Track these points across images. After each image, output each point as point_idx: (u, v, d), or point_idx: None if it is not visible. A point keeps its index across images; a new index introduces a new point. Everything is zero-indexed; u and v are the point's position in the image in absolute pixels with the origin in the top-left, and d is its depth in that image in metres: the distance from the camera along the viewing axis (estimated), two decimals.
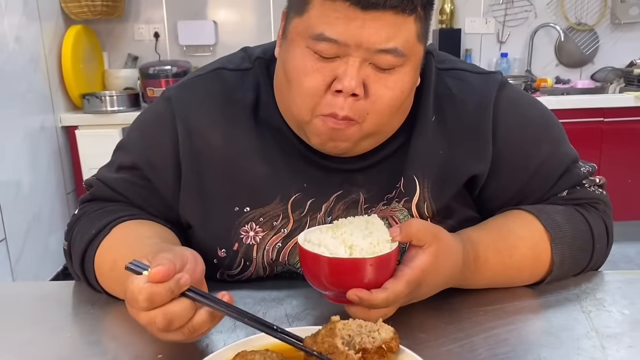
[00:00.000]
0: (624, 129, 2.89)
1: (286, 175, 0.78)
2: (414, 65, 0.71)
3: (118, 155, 0.84)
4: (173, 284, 0.56)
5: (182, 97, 0.81)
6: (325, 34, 0.66)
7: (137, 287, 0.56)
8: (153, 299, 0.56)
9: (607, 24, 3.32)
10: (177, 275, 0.57)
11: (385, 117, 0.71)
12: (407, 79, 0.70)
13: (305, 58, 0.68)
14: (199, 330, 0.59)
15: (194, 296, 0.58)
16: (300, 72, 0.69)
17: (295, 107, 0.71)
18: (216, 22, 3.24)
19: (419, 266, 0.64)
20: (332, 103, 0.68)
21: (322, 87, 0.68)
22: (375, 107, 0.69)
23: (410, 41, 0.68)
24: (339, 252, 0.62)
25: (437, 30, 3.21)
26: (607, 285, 0.80)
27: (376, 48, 0.66)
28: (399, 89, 0.69)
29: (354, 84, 0.66)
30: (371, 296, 0.61)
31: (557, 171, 0.81)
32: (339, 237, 0.64)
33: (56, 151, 2.74)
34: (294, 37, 0.70)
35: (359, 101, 0.68)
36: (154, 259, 0.58)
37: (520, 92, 0.85)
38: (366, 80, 0.68)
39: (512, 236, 0.77)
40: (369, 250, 0.62)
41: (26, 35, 2.52)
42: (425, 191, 0.78)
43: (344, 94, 0.67)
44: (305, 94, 0.69)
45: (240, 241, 0.80)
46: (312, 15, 0.67)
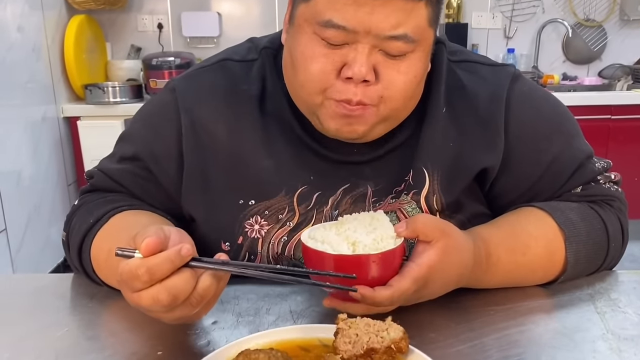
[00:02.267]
0: (632, 127, 2.87)
1: (292, 168, 0.76)
2: (425, 51, 0.69)
3: (120, 146, 0.82)
4: (173, 254, 0.54)
5: (186, 88, 0.79)
6: (334, 21, 0.64)
7: (135, 264, 0.54)
8: (153, 272, 0.53)
9: (616, 20, 3.28)
10: (177, 246, 0.55)
11: (400, 101, 0.69)
12: (419, 64, 0.68)
13: (313, 44, 0.66)
14: (206, 296, 0.57)
15: (193, 264, 0.56)
16: (307, 58, 0.67)
17: (304, 91, 0.69)
18: (220, 13, 3.21)
19: (425, 262, 0.62)
20: (343, 90, 0.66)
21: (331, 72, 0.66)
22: (389, 92, 0.67)
23: (420, 26, 0.65)
24: (341, 249, 0.61)
25: (444, 24, 3.18)
26: (621, 285, 0.78)
27: (385, 35, 0.64)
28: (412, 74, 0.67)
29: (364, 71, 0.64)
30: (374, 294, 0.59)
31: (571, 166, 0.79)
32: (343, 233, 0.63)
33: (58, 142, 2.73)
34: (301, 23, 0.68)
35: (371, 86, 0.66)
36: (137, 237, 0.56)
37: (533, 85, 0.82)
38: (377, 66, 0.66)
39: (525, 234, 0.74)
40: (372, 246, 0.61)
41: (28, 25, 2.50)
42: (435, 183, 0.76)
43: (354, 80, 0.65)
44: (313, 79, 0.67)
45: (244, 235, 0.78)
46: (320, 2, 0.65)
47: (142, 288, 0.54)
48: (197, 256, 0.57)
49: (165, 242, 0.56)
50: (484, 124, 0.76)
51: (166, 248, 0.55)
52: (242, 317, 0.69)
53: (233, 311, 0.70)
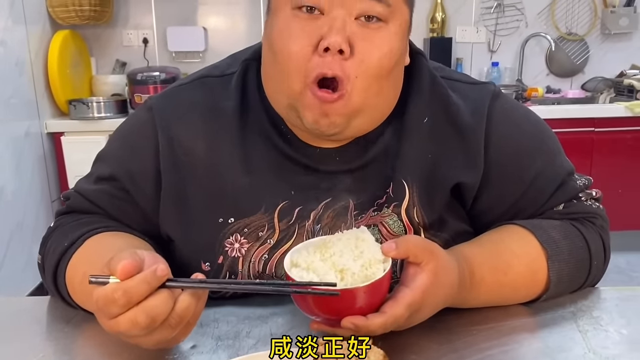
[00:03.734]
0: (615, 139, 2.89)
1: (272, 183, 0.75)
2: (400, 27, 0.69)
3: (97, 166, 0.81)
4: (149, 276, 0.53)
5: (164, 106, 0.78)
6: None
7: (110, 288, 0.53)
8: (130, 295, 0.52)
9: (598, 34, 3.33)
10: (153, 267, 0.54)
11: (374, 80, 0.68)
12: (395, 39, 0.68)
13: (289, 21, 0.67)
14: (185, 316, 0.56)
15: (170, 284, 0.55)
16: (285, 36, 0.67)
17: (285, 77, 0.68)
18: (206, 28, 3.21)
19: (419, 287, 0.61)
20: (319, 64, 0.66)
21: (309, 48, 0.66)
22: (364, 66, 0.67)
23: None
24: (329, 278, 0.59)
25: (429, 39, 3.20)
26: (603, 302, 0.78)
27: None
28: (387, 47, 0.67)
29: (339, 39, 0.65)
30: (367, 322, 0.58)
31: (553, 184, 0.79)
32: (328, 259, 0.61)
33: (41, 158, 2.69)
34: (277, 5, 0.69)
35: (347, 60, 0.66)
36: (111, 263, 0.55)
37: (514, 102, 0.83)
38: (352, 38, 0.66)
39: (508, 253, 0.74)
40: (360, 274, 0.59)
41: (12, 39, 2.48)
42: (414, 196, 0.75)
43: (331, 51, 0.65)
44: (292, 58, 0.67)
45: (225, 254, 0.77)
46: None
47: (119, 313, 0.53)
48: (173, 277, 0.56)
49: (141, 265, 0.55)
50: (464, 139, 0.76)
51: (141, 271, 0.54)
52: (221, 340, 0.68)
53: (212, 334, 0.69)
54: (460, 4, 3.28)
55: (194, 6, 3.21)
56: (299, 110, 0.69)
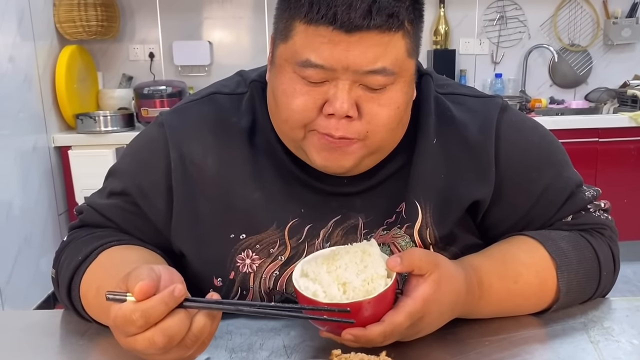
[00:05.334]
0: (619, 149, 2.90)
1: (282, 201, 0.76)
2: (406, 81, 0.69)
3: (110, 181, 0.82)
4: (167, 297, 0.54)
5: (175, 122, 0.79)
6: (312, 60, 0.64)
7: (129, 309, 0.53)
8: (149, 315, 0.53)
9: (600, 45, 3.35)
10: (170, 287, 0.55)
11: (385, 134, 0.69)
12: (400, 95, 0.68)
13: (294, 83, 0.67)
14: (201, 336, 0.56)
15: (187, 304, 0.56)
16: (289, 96, 0.67)
17: (287, 127, 0.70)
18: (211, 42, 3.24)
19: (420, 296, 0.62)
20: (325, 125, 0.66)
21: (313, 108, 0.67)
22: (372, 126, 0.67)
23: (399, 58, 0.66)
24: (332, 290, 0.61)
25: (432, 51, 3.23)
26: (614, 313, 0.78)
27: (364, 70, 0.64)
28: (394, 106, 0.68)
29: (346, 107, 0.65)
30: (366, 332, 0.59)
31: (562, 196, 0.79)
32: (334, 272, 0.63)
33: (48, 172, 2.71)
34: (281, 63, 0.69)
35: (354, 122, 0.66)
36: (128, 280, 0.56)
37: (521, 115, 0.83)
38: (358, 100, 0.66)
39: (516, 263, 0.74)
40: (361, 288, 0.61)
41: (20, 55, 2.51)
42: (427, 216, 0.76)
43: (336, 117, 0.66)
44: (295, 115, 0.68)
45: (236, 270, 0.77)
46: (297, 42, 0.65)
47: (136, 332, 0.54)
48: (189, 296, 0.57)
49: (158, 283, 0.56)
50: (474, 155, 0.77)
51: (158, 289, 0.55)
52: (235, 352, 0.68)
53: (226, 347, 0.70)
54: (463, 17, 3.30)
55: (200, 21, 3.24)
56: (306, 151, 0.71)
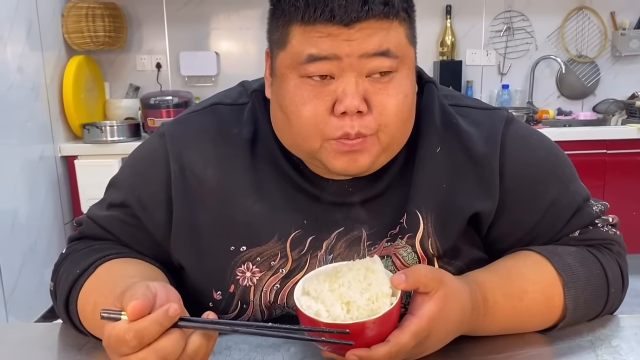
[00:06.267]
0: (628, 161, 2.87)
1: (285, 212, 0.75)
2: (409, 69, 0.69)
3: (110, 192, 0.82)
4: (161, 316, 0.53)
5: (176, 133, 0.78)
6: (314, 54, 0.64)
7: (122, 328, 0.52)
8: (142, 336, 0.52)
9: (608, 56, 3.33)
10: (164, 307, 0.54)
11: (396, 125, 0.68)
12: (406, 83, 0.68)
13: (300, 88, 0.66)
14: (196, 357, 0.55)
15: (182, 323, 0.55)
16: (298, 103, 0.66)
17: (301, 139, 0.69)
18: (218, 53, 3.25)
19: (426, 314, 0.61)
20: (339, 125, 0.66)
21: (325, 112, 0.66)
22: (384, 117, 0.67)
23: (401, 43, 0.66)
24: (335, 309, 0.59)
25: (439, 62, 3.22)
26: (622, 331, 0.76)
27: (369, 53, 0.64)
28: (402, 94, 0.67)
29: (356, 102, 0.64)
30: (371, 352, 0.58)
31: (568, 211, 0.78)
32: (337, 289, 0.61)
33: (54, 181, 2.72)
34: (283, 72, 0.68)
35: (366, 116, 0.66)
36: (123, 298, 0.55)
37: (527, 128, 0.82)
38: (366, 94, 0.66)
39: (522, 279, 0.73)
40: (366, 308, 0.59)
41: (28, 65, 2.53)
42: (429, 226, 0.75)
43: (349, 114, 0.65)
44: (308, 123, 0.67)
45: (236, 283, 0.76)
46: (295, 44, 0.65)
47: (130, 353, 0.53)
48: (185, 315, 0.56)
49: (153, 301, 0.55)
50: (478, 167, 0.75)
51: (153, 308, 0.54)
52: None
53: None
54: (470, 28, 3.30)
55: (207, 32, 3.26)
56: (322, 160, 0.69)
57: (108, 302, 0.56)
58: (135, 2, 3.18)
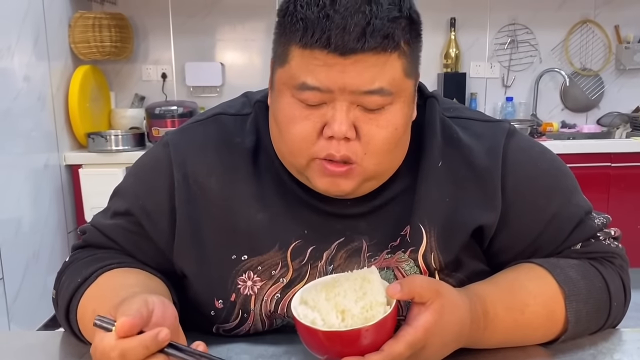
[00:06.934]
0: (632, 174, 2.86)
1: (285, 222, 0.75)
2: (404, 102, 0.69)
3: (114, 201, 0.82)
4: (149, 340, 0.53)
5: (180, 142, 0.79)
6: (308, 83, 0.65)
7: (109, 345, 0.53)
8: (126, 356, 0.52)
9: (612, 69, 3.33)
10: (155, 330, 0.54)
11: (383, 156, 0.69)
12: (399, 115, 0.68)
13: (293, 107, 0.67)
14: None
15: (169, 351, 0.55)
16: (289, 121, 0.68)
17: (289, 154, 0.70)
18: (223, 64, 3.27)
19: (422, 325, 0.61)
20: (326, 147, 0.67)
21: (313, 134, 0.67)
22: (370, 147, 0.67)
23: (396, 78, 0.66)
24: (330, 318, 0.60)
25: (442, 74, 3.23)
26: (625, 344, 0.76)
27: (361, 90, 0.64)
28: (392, 127, 0.67)
29: (344, 128, 0.65)
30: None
31: (570, 223, 0.78)
32: (332, 299, 0.62)
33: (59, 189, 2.73)
34: (280, 87, 0.69)
35: (353, 143, 0.66)
36: (118, 311, 0.55)
37: (529, 140, 0.82)
38: (356, 122, 0.66)
39: (523, 292, 0.73)
40: (360, 316, 0.60)
41: (35, 75, 2.55)
42: (432, 240, 0.75)
43: (336, 138, 0.66)
44: (296, 141, 0.68)
45: (237, 292, 0.76)
46: (293, 66, 0.66)
47: None
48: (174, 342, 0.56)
49: (148, 318, 0.55)
50: (481, 179, 0.76)
51: (148, 325, 0.54)
52: None
53: None
54: (474, 40, 3.31)
55: (212, 42, 3.28)
56: (307, 177, 0.71)
57: (105, 311, 0.56)
58: (142, 13, 3.22)
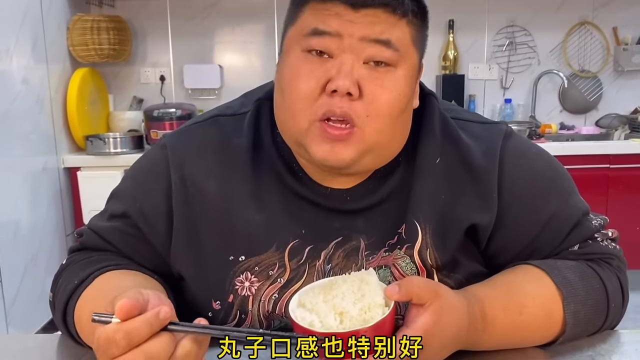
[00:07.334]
0: (631, 176, 2.87)
1: (283, 222, 0.75)
2: (409, 71, 0.69)
3: (111, 203, 0.82)
4: (151, 318, 0.53)
5: (177, 144, 0.79)
6: (319, 28, 0.67)
7: (112, 329, 0.53)
8: (132, 337, 0.52)
9: (611, 71, 3.34)
10: (155, 309, 0.54)
11: (385, 121, 0.68)
12: (402, 82, 0.69)
13: (299, 62, 0.69)
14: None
15: (172, 327, 0.55)
16: (294, 76, 0.69)
17: (291, 116, 0.70)
18: (222, 66, 3.27)
19: (420, 327, 0.60)
20: (327, 103, 0.67)
21: (317, 89, 0.67)
22: (373, 108, 0.67)
23: (404, 40, 0.68)
24: (328, 320, 0.60)
25: (441, 76, 3.24)
26: (623, 346, 0.76)
27: (370, 38, 0.66)
28: (396, 91, 0.68)
29: (348, 83, 0.65)
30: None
31: (568, 225, 0.78)
32: (330, 301, 0.62)
33: (57, 192, 2.73)
34: (289, 46, 0.71)
35: (355, 102, 0.67)
36: (114, 302, 0.55)
37: (526, 142, 0.82)
38: (360, 80, 0.67)
39: (521, 293, 0.73)
40: (358, 318, 0.60)
41: (33, 77, 2.55)
42: (427, 237, 0.75)
43: (339, 93, 0.66)
44: (300, 98, 0.68)
45: (235, 293, 0.76)
46: (305, 19, 0.69)
47: (119, 354, 0.53)
48: (176, 320, 0.56)
49: (144, 305, 0.55)
50: (477, 179, 0.76)
51: (144, 311, 0.54)
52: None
53: None
54: (472, 42, 3.31)
55: (211, 45, 3.28)
56: (306, 146, 0.70)
57: (101, 311, 0.56)
58: (140, 16, 3.22)
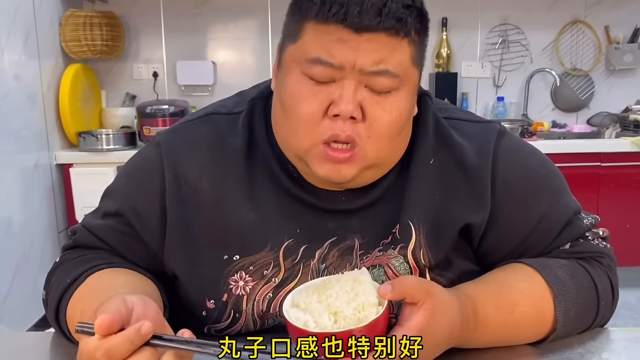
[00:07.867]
0: (621, 174, 2.89)
1: (278, 221, 0.76)
2: (409, 90, 0.70)
3: (105, 201, 0.82)
4: (132, 334, 0.53)
5: (171, 142, 0.79)
6: (321, 58, 0.66)
7: (93, 346, 0.53)
8: (112, 354, 0.52)
9: (602, 70, 3.36)
10: (137, 324, 0.54)
11: (385, 141, 0.69)
12: (403, 102, 0.69)
13: (301, 84, 0.68)
14: None
15: (155, 342, 0.55)
16: (296, 98, 0.68)
17: (293, 136, 0.70)
18: (215, 62, 3.26)
19: (414, 326, 0.61)
20: (331, 127, 0.67)
21: (319, 113, 0.67)
22: (374, 130, 0.68)
23: (404, 64, 0.67)
24: (323, 320, 0.60)
25: (434, 74, 3.24)
26: (612, 344, 0.77)
27: (369, 70, 0.66)
28: (396, 112, 0.68)
29: (350, 107, 0.65)
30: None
31: (559, 223, 0.78)
32: (324, 301, 0.62)
33: (49, 189, 2.71)
34: (289, 64, 0.69)
35: (357, 124, 0.67)
36: (98, 312, 0.55)
37: (519, 141, 0.83)
38: (363, 103, 0.67)
39: (513, 292, 0.73)
40: (353, 317, 0.60)
41: (25, 73, 2.53)
42: (421, 237, 0.75)
43: (341, 117, 0.66)
44: (302, 120, 0.68)
45: (229, 292, 0.76)
46: (306, 40, 0.67)
47: None
48: (163, 330, 0.56)
49: (127, 316, 0.55)
50: (470, 179, 0.76)
51: (129, 322, 0.54)
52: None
53: None
54: (465, 40, 3.32)
55: (204, 41, 3.27)
56: (308, 163, 0.70)
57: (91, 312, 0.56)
58: (133, 11, 3.20)
